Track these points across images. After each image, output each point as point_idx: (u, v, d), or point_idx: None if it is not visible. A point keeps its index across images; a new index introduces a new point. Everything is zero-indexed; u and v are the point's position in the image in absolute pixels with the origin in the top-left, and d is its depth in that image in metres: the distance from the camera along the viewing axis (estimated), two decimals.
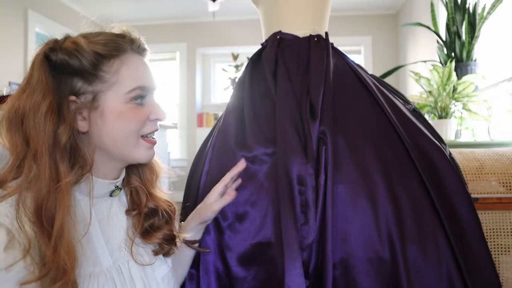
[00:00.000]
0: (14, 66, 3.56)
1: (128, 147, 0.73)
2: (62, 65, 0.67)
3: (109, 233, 0.75)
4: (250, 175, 0.94)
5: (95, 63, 0.68)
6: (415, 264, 0.84)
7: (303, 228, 0.86)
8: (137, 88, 0.72)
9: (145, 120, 0.74)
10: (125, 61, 0.71)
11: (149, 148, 0.77)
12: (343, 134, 0.94)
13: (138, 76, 0.73)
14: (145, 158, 0.76)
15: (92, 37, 0.71)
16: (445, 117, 2.19)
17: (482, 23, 2.37)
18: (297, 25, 1.17)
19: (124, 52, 0.72)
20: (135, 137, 0.73)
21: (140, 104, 0.74)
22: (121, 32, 0.75)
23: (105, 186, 0.75)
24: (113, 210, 0.78)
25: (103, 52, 0.69)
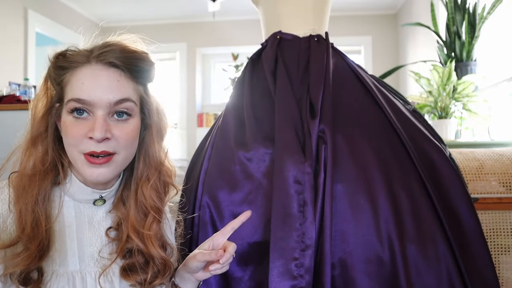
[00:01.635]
0: (14, 66, 3.56)
1: (73, 159, 0.73)
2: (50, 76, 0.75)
3: (85, 240, 0.76)
4: (248, 174, 0.94)
5: (56, 76, 0.74)
6: (415, 264, 0.84)
7: (302, 227, 0.85)
8: (71, 100, 0.70)
9: (81, 136, 0.70)
10: (76, 72, 0.72)
11: (89, 167, 0.71)
12: (343, 133, 0.94)
13: (78, 88, 0.70)
14: (87, 176, 0.71)
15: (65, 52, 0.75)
16: (445, 117, 2.19)
17: (482, 23, 2.37)
18: (297, 25, 1.17)
19: (81, 64, 0.72)
20: (76, 152, 0.71)
21: (79, 118, 0.70)
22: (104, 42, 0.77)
23: (87, 193, 0.76)
24: (96, 219, 0.78)
25: (62, 64, 0.73)
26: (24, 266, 0.67)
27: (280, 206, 0.87)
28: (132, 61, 0.74)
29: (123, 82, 0.73)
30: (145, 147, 0.79)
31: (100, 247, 0.77)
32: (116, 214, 0.79)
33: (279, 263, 0.83)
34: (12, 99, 2.10)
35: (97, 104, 0.70)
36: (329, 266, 0.82)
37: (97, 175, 0.71)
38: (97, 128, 0.69)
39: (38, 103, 0.76)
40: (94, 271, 0.76)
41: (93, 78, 0.71)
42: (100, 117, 0.70)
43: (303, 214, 0.86)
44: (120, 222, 0.78)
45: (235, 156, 0.96)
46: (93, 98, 0.70)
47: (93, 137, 0.69)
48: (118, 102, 0.71)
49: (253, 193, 0.93)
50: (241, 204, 0.92)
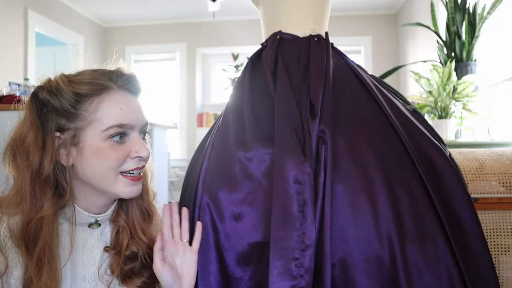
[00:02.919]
0: (14, 66, 3.56)
1: (108, 183, 0.74)
2: (45, 103, 0.73)
3: (78, 262, 0.78)
4: (248, 174, 0.94)
5: (74, 102, 0.71)
6: (415, 264, 0.84)
7: (302, 227, 0.85)
8: (114, 126, 0.72)
9: (124, 157, 0.74)
10: (105, 99, 0.73)
11: (130, 184, 0.76)
12: (343, 134, 0.94)
13: (117, 114, 0.72)
14: (125, 193, 0.76)
15: (76, 77, 0.74)
16: (445, 117, 2.19)
17: (482, 23, 2.37)
18: (297, 25, 1.17)
19: (107, 90, 0.73)
20: (114, 174, 0.74)
21: (119, 142, 0.73)
22: (115, 69, 0.78)
23: (84, 217, 0.78)
24: (90, 241, 0.80)
25: (82, 91, 0.72)
26: None
27: (280, 206, 0.87)
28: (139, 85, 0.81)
29: (141, 105, 0.81)
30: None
31: (93, 268, 0.79)
32: (115, 224, 0.81)
33: (279, 263, 0.83)
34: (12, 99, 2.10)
35: (135, 127, 0.75)
36: (329, 266, 0.82)
37: (137, 191, 0.77)
38: (143, 147, 0.75)
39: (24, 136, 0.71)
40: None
41: (127, 103, 0.75)
42: (138, 138, 0.76)
43: (303, 214, 0.86)
44: (117, 232, 0.81)
45: (235, 156, 0.96)
46: (133, 122, 0.75)
47: (142, 156, 0.75)
48: (145, 124, 0.79)
49: (253, 193, 0.93)
50: (241, 204, 0.92)
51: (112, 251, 0.80)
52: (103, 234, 0.82)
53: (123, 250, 0.79)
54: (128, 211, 0.83)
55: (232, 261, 0.90)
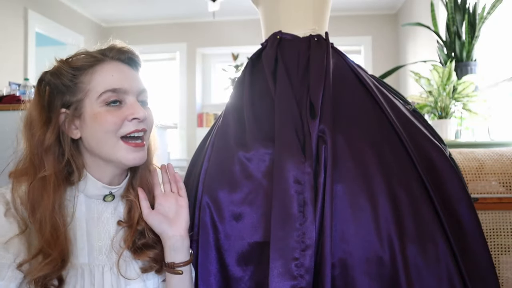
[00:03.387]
0: (14, 66, 3.56)
1: (109, 149, 0.77)
2: (49, 84, 0.80)
3: (94, 234, 0.81)
4: (248, 174, 0.94)
5: (72, 77, 0.78)
6: (415, 264, 0.84)
7: (302, 227, 0.85)
8: (107, 91, 0.77)
9: (121, 120, 0.77)
10: (98, 69, 0.78)
11: (131, 151, 0.78)
12: (343, 134, 0.94)
13: (109, 80, 0.77)
14: (128, 160, 0.78)
15: (72, 56, 0.81)
16: (445, 117, 2.19)
17: (482, 23, 2.37)
18: (297, 25, 1.17)
19: (100, 62, 0.79)
20: (114, 138, 0.77)
21: (116, 106, 0.77)
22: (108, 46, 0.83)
23: (98, 188, 0.81)
24: (104, 215, 0.83)
25: (77, 65, 0.78)
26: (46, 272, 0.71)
27: (280, 206, 0.87)
28: (135, 57, 0.85)
29: (137, 75, 0.84)
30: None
31: (108, 241, 0.82)
32: (127, 199, 0.85)
33: (279, 263, 0.83)
34: (12, 99, 2.10)
35: (129, 91, 0.79)
36: (329, 266, 0.82)
37: (140, 157, 0.80)
38: (138, 109, 0.78)
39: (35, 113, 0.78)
40: (102, 265, 0.81)
41: (119, 71, 0.80)
42: (135, 101, 0.79)
43: (303, 214, 0.86)
44: (130, 208, 0.84)
45: (235, 156, 0.96)
46: (126, 86, 0.78)
47: (138, 117, 0.77)
48: (142, 91, 0.82)
49: (253, 193, 0.93)
50: (241, 204, 0.92)
51: (125, 225, 0.83)
52: (117, 208, 0.85)
53: (134, 224, 0.83)
54: (135, 187, 0.86)
55: (232, 261, 0.91)
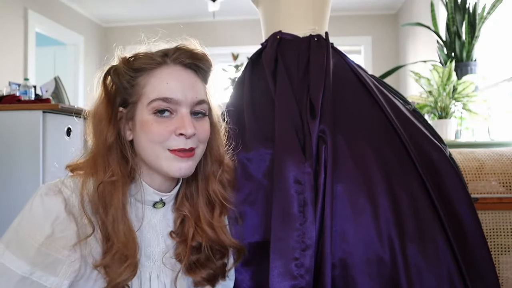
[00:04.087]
0: (14, 66, 3.56)
1: (155, 158, 0.73)
2: (113, 81, 0.76)
3: (143, 240, 0.78)
4: (248, 174, 0.94)
5: (129, 78, 0.74)
6: (415, 264, 0.84)
7: (302, 227, 0.85)
8: (157, 99, 0.71)
9: (168, 133, 0.72)
10: (155, 73, 0.74)
11: (176, 160, 0.72)
12: (343, 134, 0.94)
13: (163, 88, 0.72)
14: (171, 171, 0.73)
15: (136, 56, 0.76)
16: (445, 117, 2.19)
17: (482, 23, 2.37)
18: (297, 25, 1.17)
19: (159, 65, 0.74)
20: (160, 149, 0.72)
21: (164, 117, 0.72)
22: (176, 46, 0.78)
23: (149, 193, 0.77)
24: (153, 221, 0.80)
25: (135, 66, 0.74)
26: (127, 276, 0.69)
27: (281, 206, 0.87)
28: (201, 62, 0.78)
29: (198, 83, 0.77)
30: (210, 144, 0.82)
31: (157, 248, 0.79)
32: (180, 213, 0.80)
33: (280, 263, 0.83)
34: (12, 99, 2.09)
35: (182, 103, 0.72)
36: (329, 266, 0.82)
37: (186, 168, 0.73)
38: (188, 125, 0.71)
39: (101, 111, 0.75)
40: (149, 271, 0.78)
41: (176, 78, 0.73)
42: (187, 115, 0.73)
43: (303, 214, 0.86)
44: (182, 221, 0.80)
45: (235, 156, 0.96)
46: (179, 97, 0.72)
47: (185, 133, 0.71)
48: (198, 103, 0.75)
49: (253, 193, 0.93)
50: (242, 204, 0.92)
51: (178, 239, 0.79)
52: (166, 215, 0.81)
53: (189, 240, 0.78)
54: (193, 199, 0.81)
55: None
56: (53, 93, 2.72)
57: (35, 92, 2.42)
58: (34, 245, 0.66)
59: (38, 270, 0.66)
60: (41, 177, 1.82)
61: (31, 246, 0.66)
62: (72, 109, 1.99)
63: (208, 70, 0.80)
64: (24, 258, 0.66)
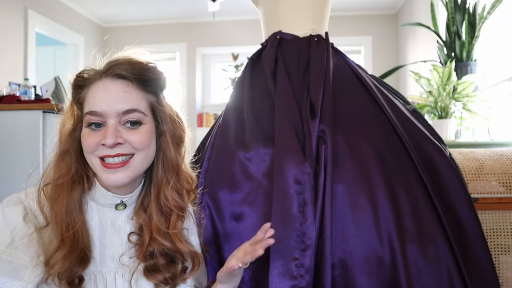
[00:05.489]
0: (14, 66, 3.55)
1: (94, 168, 0.78)
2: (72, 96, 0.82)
3: (107, 242, 0.81)
4: (248, 174, 0.94)
5: (76, 94, 0.80)
6: (415, 264, 0.84)
7: (302, 227, 0.85)
8: (86, 113, 0.76)
9: (96, 144, 0.75)
10: (90, 88, 0.78)
11: (106, 172, 0.75)
12: (343, 133, 0.94)
13: (91, 102, 0.76)
14: (103, 180, 0.77)
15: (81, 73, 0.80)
16: (445, 117, 2.19)
17: (482, 23, 2.37)
18: (297, 25, 1.17)
19: (94, 81, 0.78)
20: (93, 158, 0.77)
21: (95, 129, 0.76)
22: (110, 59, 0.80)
23: (108, 197, 0.81)
24: (118, 223, 0.83)
25: (79, 83, 0.79)
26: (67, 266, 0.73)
27: (280, 206, 0.87)
28: (139, 71, 0.78)
29: (130, 92, 0.77)
30: (162, 153, 0.83)
31: (120, 249, 0.82)
32: (137, 220, 0.82)
33: (279, 263, 0.83)
34: (12, 99, 2.09)
35: (107, 114, 0.75)
36: (329, 266, 0.82)
37: (114, 179, 0.76)
38: (108, 134, 0.74)
39: (65, 123, 0.82)
40: (114, 271, 0.81)
41: (103, 91, 0.76)
42: (111, 126, 0.75)
43: (303, 214, 0.86)
44: (141, 227, 0.82)
45: (235, 156, 0.96)
46: (104, 109, 0.75)
47: (105, 143, 0.74)
48: (126, 112, 0.76)
49: (253, 193, 0.93)
50: (241, 204, 0.93)
51: (135, 243, 0.82)
52: (129, 219, 0.84)
53: (144, 246, 0.80)
54: (146, 209, 0.82)
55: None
56: (53, 93, 2.72)
57: (35, 92, 2.42)
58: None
59: (2, 277, 0.71)
60: None
61: None
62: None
63: (150, 78, 0.80)
64: None
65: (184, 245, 0.82)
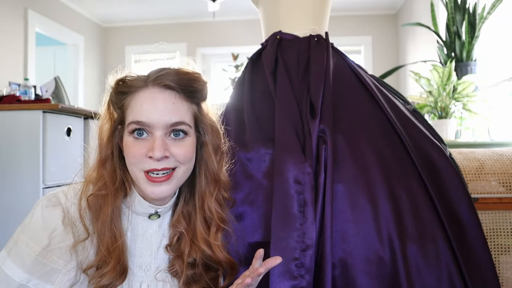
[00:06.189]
0: (14, 66, 3.56)
1: (135, 178, 0.76)
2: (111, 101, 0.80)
3: (136, 250, 0.81)
4: (248, 174, 0.95)
5: (118, 101, 0.78)
6: (415, 263, 0.84)
7: (302, 227, 0.85)
8: (131, 122, 0.74)
9: (141, 155, 0.74)
10: (135, 96, 0.76)
11: (150, 185, 0.74)
12: (343, 133, 0.94)
13: (137, 111, 0.74)
14: (147, 193, 0.75)
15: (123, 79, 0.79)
16: (445, 117, 2.19)
17: (482, 23, 2.37)
18: (297, 25, 1.17)
19: (139, 89, 0.76)
20: (137, 170, 0.75)
21: (139, 139, 0.74)
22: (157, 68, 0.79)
23: (144, 206, 0.80)
24: (149, 232, 0.82)
25: (122, 90, 0.77)
26: (109, 280, 0.73)
27: (281, 206, 0.87)
28: (186, 82, 0.77)
29: (178, 103, 0.76)
30: (204, 164, 0.83)
31: (149, 259, 0.82)
32: (176, 230, 0.82)
33: (280, 263, 0.83)
34: (12, 99, 2.09)
35: (155, 126, 0.74)
36: (329, 266, 0.82)
37: (158, 192, 0.75)
38: (156, 148, 0.73)
39: (103, 127, 0.80)
40: (140, 280, 0.80)
41: (150, 101, 0.75)
42: (158, 137, 0.74)
43: (303, 214, 0.86)
44: (179, 237, 0.82)
45: (235, 156, 0.96)
46: (151, 120, 0.74)
47: (153, 156, 0.73)
48: (174, 124, 0.75)
49: (253, 193, 0.93)
50: (242, 204, 0.93)
51: (173, 254, 0.81)
52: (162, 226, 0.83)
53: (185, 257, 0.79)
54: (190, 218, 0.82)
55: None
56: (53, 93, 2.72)
57: (35, 92, 2.42)
58: (32, 255, 0.71)
59: (35, 278, 0.71)
60: (41, 177, 1.82)
61: (29, 255, 0.71)
62: (72, 109, 1.99)
63: (196, 89, 0.79)
64: (22, 266, 0.71)
65: (223, 254, 0.82)
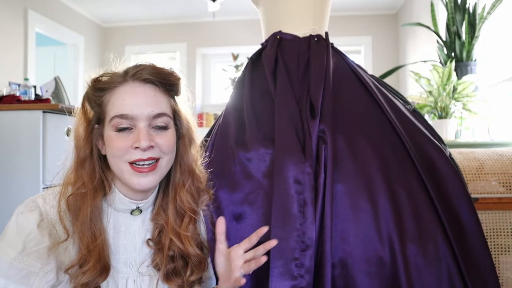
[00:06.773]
0: (14, 66, 3.55)
1: (120, 172, 0.77)
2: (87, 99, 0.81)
3: (120, 247, 0.82)
4: (248, 174, 0.94)
5: (96, 98, 0.79)
6: (415, 263, 0.84)
7: (302, 227, 0.85)
8: (115, 116, 0.76)
9: (126, 148, 0.75)
10: (115, 91, 0.77)
11: (136, 176, 0.76)
12: (343, 133, 0.94)
13: (119, 105, 0.76)
14: (133, 184, 0.76)
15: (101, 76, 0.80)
16: (445, 117, 2.19)
17: (482, 23, 2.37)
18: (297, 25, 1.17)
19: (119, 84, 0.78)
20: (122, 163, 0.76)
21: (126, 132, 0.76)
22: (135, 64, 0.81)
23: (125, 203, 0.81)
24: (132, 228, 0.83)
25: (99, 86, 0.79)
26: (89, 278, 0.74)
27: (281, 206, 0.87)
28: (164, 76, 0.80)
29: (158, 96, 0.79)
30: (180, 156, 0.84)
31: (134, 254, 0.83)
32: (157, 222, 0.83)
33: (280, 263, 0.83)
34: (12, 99, 2.09)
35: (138, 118, 0.76)
36: (329, 266, 0.82)
37: (145, 183, 0.76)
38: (142, 138, 0.74)
39: (79, 128, 0.81)
40: (126, 277, 0.81)
41: (132, 94, 0.77)
42: (143, 128, 0.76)
43: (303, 214, 0.86)
44: (160, 231, 0.83)
45: (235, 156, 0.96)
46: (135, 113, 0.75)
47: (139, 146, 0.74)
48: (156, 116, 0.77)
49: (253, 193, 0.93)
50: (242, 204, 0.93)
51: (154, 247, 0.83)
52: (144, 222, 0.84)
53: (165, 249, 0.81)
54: (166, 210, 0.83)
55: None
56: (53, 93, 2.72)
57: (35, 92, 2.42)
58: (8, 260, 0.72)
59: (12, 283, 0.72)
60: (41, 177, 1.82)
61: (5, 261, 0.72)
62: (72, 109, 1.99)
63: (173, 83, 0.82)
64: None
65: (192, 248, 0.83)
